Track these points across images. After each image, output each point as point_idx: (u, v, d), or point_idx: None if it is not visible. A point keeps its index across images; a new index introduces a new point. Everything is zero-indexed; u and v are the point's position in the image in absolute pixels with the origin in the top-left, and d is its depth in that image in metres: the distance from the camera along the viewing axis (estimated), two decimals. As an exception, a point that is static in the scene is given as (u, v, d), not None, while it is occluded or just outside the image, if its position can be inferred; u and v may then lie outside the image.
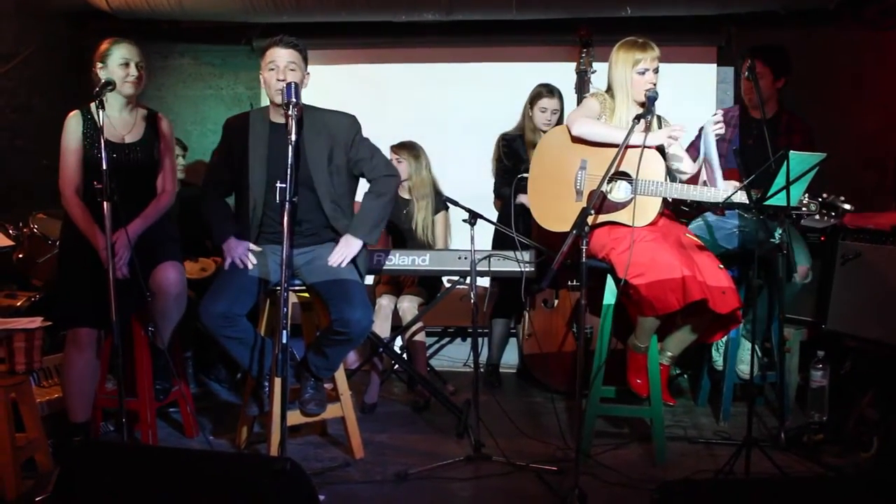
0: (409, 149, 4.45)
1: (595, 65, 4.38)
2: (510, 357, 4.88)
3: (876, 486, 2.24)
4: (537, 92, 4.50)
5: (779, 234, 3.20)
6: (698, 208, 3.90)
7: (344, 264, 3.29)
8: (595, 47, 4.39)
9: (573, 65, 4.44)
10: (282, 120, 3.21)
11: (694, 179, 3.44)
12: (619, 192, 3.41)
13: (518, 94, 4.63)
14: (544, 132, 4.49)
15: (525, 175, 3.67)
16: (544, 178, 3.52)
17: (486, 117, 4.99)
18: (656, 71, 3.38)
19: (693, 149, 3.74)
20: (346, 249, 3.32)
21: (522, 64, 5.37)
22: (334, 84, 5.40)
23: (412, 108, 5.53)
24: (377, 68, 5.64)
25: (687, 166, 3.45)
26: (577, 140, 3.42)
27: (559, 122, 4.48)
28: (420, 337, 4.30)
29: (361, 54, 5.62)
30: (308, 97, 3.31)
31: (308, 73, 3.33)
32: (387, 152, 4.37)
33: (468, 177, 4.85)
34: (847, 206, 3.12)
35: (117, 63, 3.24)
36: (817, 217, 3.16)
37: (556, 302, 4.36)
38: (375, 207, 3.40)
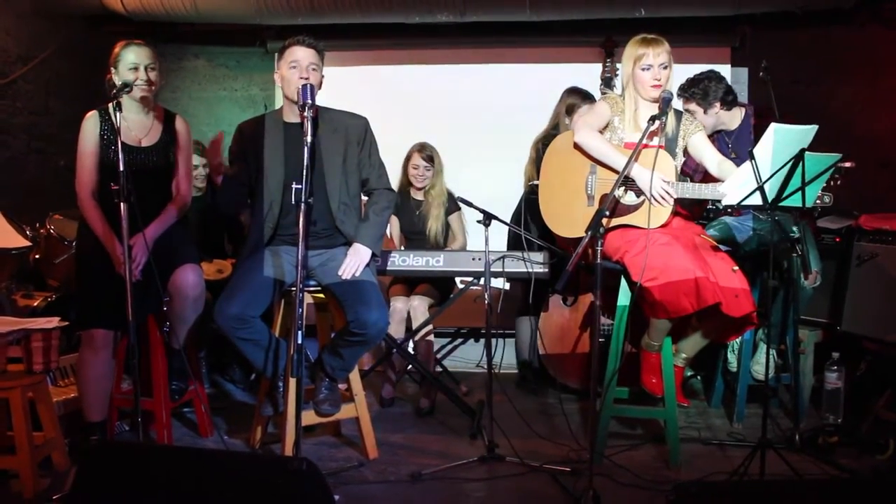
0: (436, 155, 4.43)
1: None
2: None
3: (891, 489, 2.23)
4: (572, 103, 4.33)
5: (795, 229, 3.16)
6: (716, 213, 3.89)
7: (358, 274, 3.29)
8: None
9: (588, 66, 4.45)
10: (296, 120, 3.24)
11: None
12: (630, 195, 3.39)
13: (532, 94, 4.64)
14: None
15: (537, 183, 3.64)
16: (554, 184, 3.51)
17: (500, 118, 5.00)
18: (665, 67, 3.26)
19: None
20: (358, 259, 3.31)
21: (537, 65, 5.36)
22: (348, 86, 5.41)
23: (426, 109, 5.54)
24: (391, 70, 5.66)
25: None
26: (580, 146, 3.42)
27: None
28: (428, 338, 4.29)
29: (375, 56, 5.64)
30: (321, 99, 3.32)
31: (323, 76, 3.34)
32: (402, 153, 4.38)
33: (482, 178, 4.86)
34: (847, 164, 3.07)
35: (127, 67, 3.23)
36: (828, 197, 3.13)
37: (571, 302, 4.34)
38: (382, 222, 3.44)
